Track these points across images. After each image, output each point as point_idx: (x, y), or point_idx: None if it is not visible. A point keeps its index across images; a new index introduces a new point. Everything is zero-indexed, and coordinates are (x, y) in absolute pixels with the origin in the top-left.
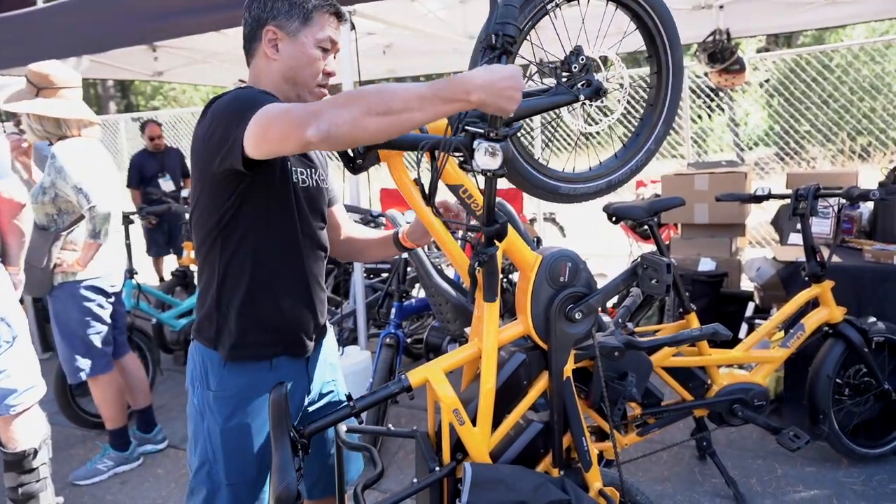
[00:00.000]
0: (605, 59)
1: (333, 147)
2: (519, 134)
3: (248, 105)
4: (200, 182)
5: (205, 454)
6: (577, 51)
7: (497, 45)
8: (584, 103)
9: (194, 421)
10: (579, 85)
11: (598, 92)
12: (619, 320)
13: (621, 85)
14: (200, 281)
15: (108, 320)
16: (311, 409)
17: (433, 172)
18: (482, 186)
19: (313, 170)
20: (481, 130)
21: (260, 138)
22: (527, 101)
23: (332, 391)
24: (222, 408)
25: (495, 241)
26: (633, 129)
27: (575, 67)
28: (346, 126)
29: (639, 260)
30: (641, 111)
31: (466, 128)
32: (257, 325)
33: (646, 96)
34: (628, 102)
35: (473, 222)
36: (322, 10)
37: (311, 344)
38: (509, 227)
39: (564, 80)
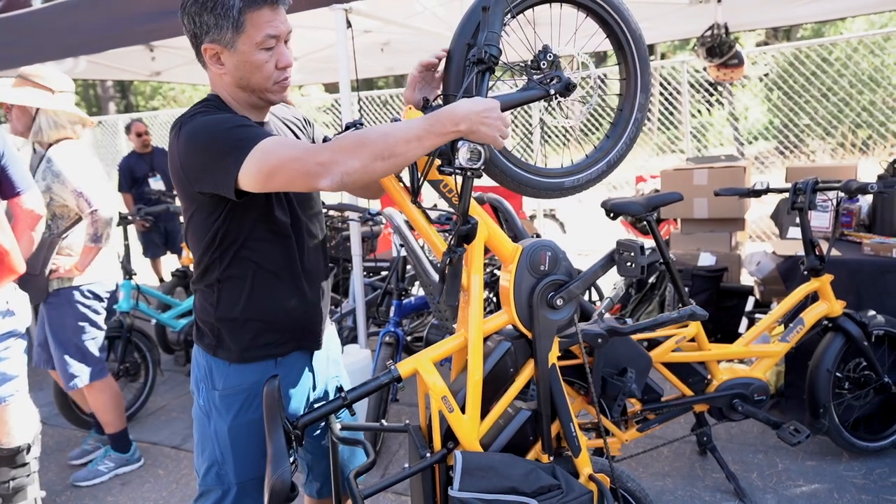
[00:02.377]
0: (574, 59)
1: (342, 190)
2: (514, 146)
3: (237, 141)
4: (188, 203)
5: (213, 456)
6: (545, 49)
7: (486, 59)
8: (557, 99)
9: (200, 423)
10: (550, 81)
11: (568, 87)
12: (603, 310)
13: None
14: (197, 289)
15: (103, 326)
16: (316, 406)
17: (413, 172)
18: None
19: None
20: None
21: (263, 182)
22: (499, 97)
23: (337, 387)
24: (229, 406)
25: (464, 244)
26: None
27: (544, 65)
28: (358, 174)
29: (615, 246)
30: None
31: None
32: (266, 328)
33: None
34: (601, 95)
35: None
36: (250, 9)
37: (321, 336)
38: (488, 220)
39: (536, 77)
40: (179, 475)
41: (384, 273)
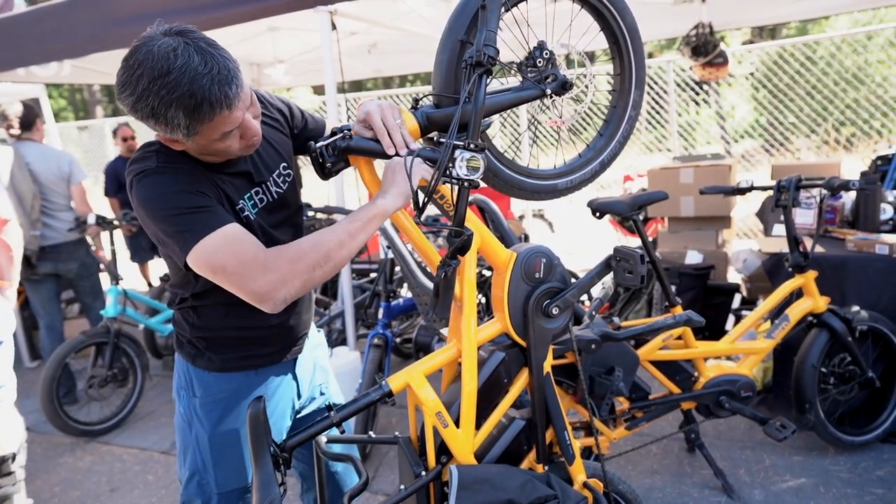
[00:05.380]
0: (569, 56)
1: None
2: (505, 146)
3: (184, 232)
4: (157, 243)
5: (194, 464)
6: (541, 45)
7: (484, 62)
8: (552, 98)
9: (182, 431)
10: (546, 79)
11: (564, 86)
12: (593, 312)
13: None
14: (174, 306)
15: None
16: (301, 413)
17: (409, 181)
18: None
19: (268, 181)
20: (461, 143)
21: (205, 273)
22: (494, 97)
23: (323, 395)
24: (209, 413)
25: (458, 256)
26: (608, 108)
27: (540, 62)
28: (299, 291)
29: (612, 252)
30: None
31: (441, 140)
32: (245, 343)
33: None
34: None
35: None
36: (203, 121)
37: (303, 342)
38: (482, 226)
39: (531, 75)
40: (169, 480)
41: (373, 275)
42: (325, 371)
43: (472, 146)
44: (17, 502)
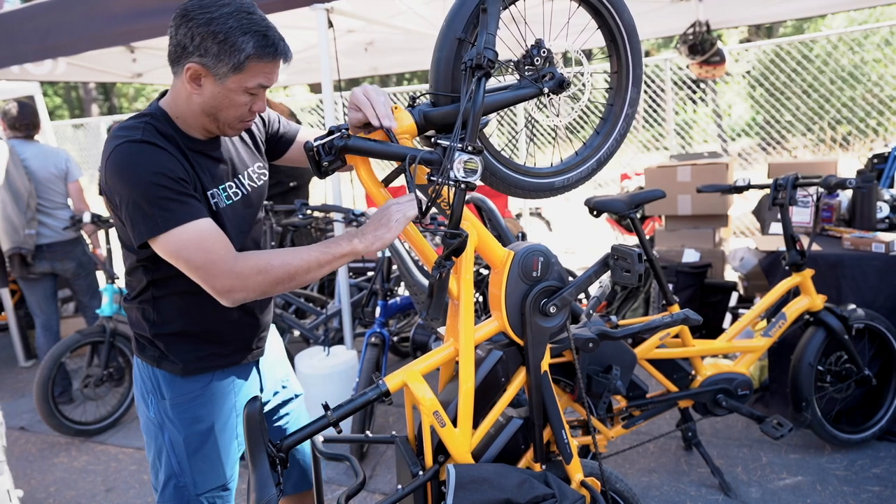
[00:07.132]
0: (566, 55)
1: None
2: (502, 144)
3: (155, 217)
4: (115, 217)
5: (170, 468)
6: (539, 44)
7: (484, 65)
8: (549, 96)
9: (154, 437)
10: (543, 78)
11: (561, 84)
12: (590, 311)
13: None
14: (131, 306)
15: None
16: (265, 409)
17: (409, 183)
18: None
19: (241, 175)
20: (459, 145)
21: (168, 258)
22: (492, 96)
23: (285, 387)
24: (182, 414)
25: (454, 257)
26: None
27: (537, 61)
28: (257, 297)
29: (609, 251)
30: (609, 82)
31: (439, 142)
32: (206, 341)
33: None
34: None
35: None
36: (259, 60)
37: (263, 343)
38: (479, 225)
39: (528, 74)
40: None
41: (370, 273)
42: (282, 364)
43: (469, 148)
44: (3, 485)
